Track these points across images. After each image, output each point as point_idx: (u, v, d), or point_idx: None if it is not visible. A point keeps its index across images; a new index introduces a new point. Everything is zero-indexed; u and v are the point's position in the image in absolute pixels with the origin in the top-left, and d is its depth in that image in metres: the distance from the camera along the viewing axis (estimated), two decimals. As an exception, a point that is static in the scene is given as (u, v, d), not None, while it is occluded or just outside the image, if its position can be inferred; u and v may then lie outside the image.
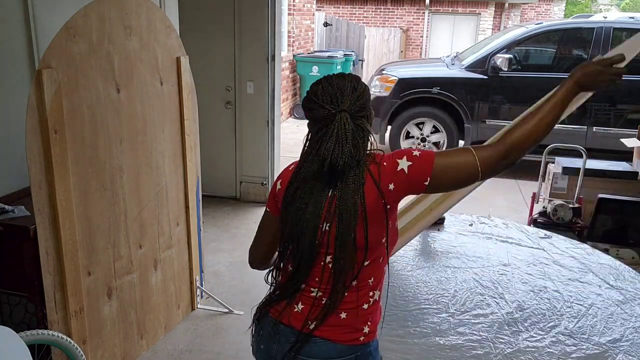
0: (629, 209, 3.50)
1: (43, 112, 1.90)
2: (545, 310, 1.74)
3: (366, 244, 1.20)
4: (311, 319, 1.25)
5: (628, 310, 1.76)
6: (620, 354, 1.51)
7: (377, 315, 1.32)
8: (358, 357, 1.28)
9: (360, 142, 1.24)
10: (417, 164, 1.21)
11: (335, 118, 1.22)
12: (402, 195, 1.25)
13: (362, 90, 1.28)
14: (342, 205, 1.20)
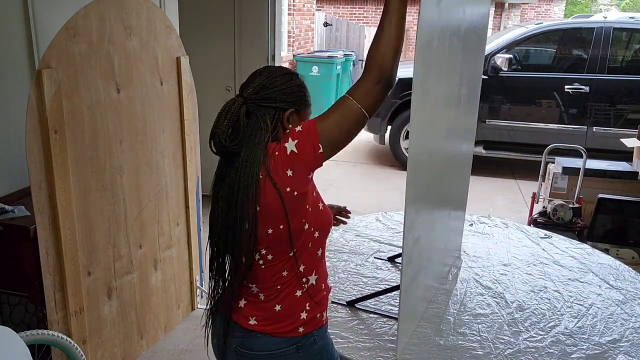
0: (629, 209, 3.50)
1: (43, 112, 1.90)
2: (546, 310, 1.75)
3: (253, 239, 1.20)
4: (251, 314, 1.27)
5: (628, 310, 1.76)
6: (620, 354, 1.51)
7: (318, 299, 1.30)
8: (300, 347, 1.28)
9: (246, 129, 1.23)
10: (303, 139, 1.19)
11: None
12: (305, 175, 1.21)
13: (271, 84, 1.26)
14: (224, 200, 1.22)
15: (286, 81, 1.28)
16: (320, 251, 1.31)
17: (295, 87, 1.29)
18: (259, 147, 1.21)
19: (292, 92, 1.29)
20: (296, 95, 1.29)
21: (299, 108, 1.29)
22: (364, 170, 6.23)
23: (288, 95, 1.28)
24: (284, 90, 1.27)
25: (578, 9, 19.62)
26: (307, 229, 1.25)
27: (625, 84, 5.63)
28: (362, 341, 1.53)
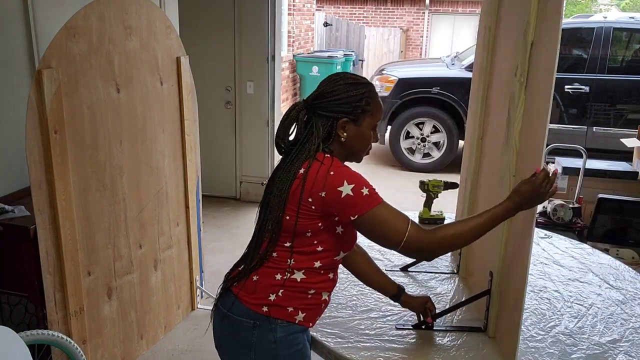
0: (629, 209, 3.50)
1: (43, 112, 1.90)
2: (546, 310, 1.74)
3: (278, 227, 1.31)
4: (238, 280, 1.37)
5: (628, 310, 1.76)
6: (621, 354, 1.51)
7: (296, 297, 1.33)
8: (257, 325, 1.33)
9: (301, 133, 1.35)
10: (356, 200, 1.27)
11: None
12: (330, 210, 1.29)
13: (330, 92, 1.33)
14: (271, 184, 1.36)
15: (346, 90, 1.33)
16: (319, 264, 1.34)
17: (355, 96, 1.33)
18: (306, 151, 1.32)
19: (350, 101, 1.32)
20: (353, 105, 1.33)
21: (355, 118, 1.33)
22: (364, 170, 6.16)
23: (344, 105, 1.32)
24: (340, 99, 1.32)
25: (578, 9, 19.63)
26: (310, 237, 1.31)
27: (625, 83, 5.63)
28: (362, 341, 1.53)
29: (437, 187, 2.36)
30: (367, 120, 1.35)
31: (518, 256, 1.45)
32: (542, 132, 1.30)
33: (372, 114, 1.35)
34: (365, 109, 1.34)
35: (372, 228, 1.28)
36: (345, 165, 1.35)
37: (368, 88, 1.35)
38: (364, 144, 1.38)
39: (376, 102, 1.37)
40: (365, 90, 1.34)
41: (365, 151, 1.41)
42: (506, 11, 1.69)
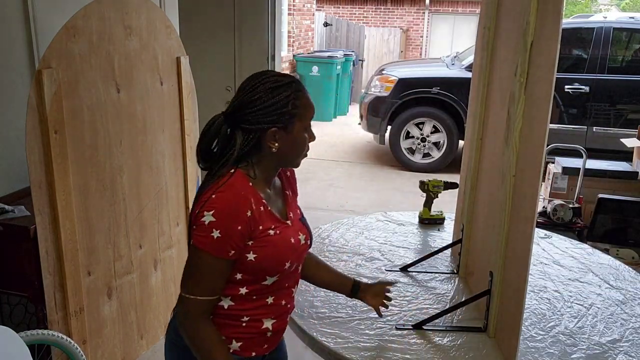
0: (629, 209, 3.50)
1: (43, 112, 1.90)
2: (546, 310, 1.74)
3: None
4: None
5: (628, 311, 1.76)
6: (621, 354, 1.51)
7: (226, 324, 1.27)
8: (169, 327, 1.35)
9: (219, 149, 1.25)
10: (200, 230, 1.17)
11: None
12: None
13: (251, 102, 1.21)
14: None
15: (269, 97, 1.21)
16: (246, 290, 1.25)
17: (279, 102, 1.21)
18: (221, 168, 1.23)
19: (275, 109, 1.21)
20: (279, 112, 1.21)
21: (285, 125, 1.22)
22: (364, 170, 6.23)
23: (269, 114, 1.21)
24: (264, 108, 1.21)
25: (578, 9, 19.63)
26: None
27: (625, 83, 5.63)
28: (362, 341, 1.53)
29: (437, 187, 2.37)
30: (297, 124, 1.23)
31: (518, 256, 1.45)
32: (542, 132, 1.30)
33: (301, 116, 1.24)
34: (292, 113, 1.22)
35: (186, 261, 1.22)
36: (242, 190, 1.20)
37: (292, 88, 1.23)
38: (298, 150, 1.27)
39: (304, 102, 1.24)
40: (290, 92, 1.21)
41: (302, 155, 1.30)
42: (506, 11, 1.69)
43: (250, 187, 1.22)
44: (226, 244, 1.17)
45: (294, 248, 1.30)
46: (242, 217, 1.18)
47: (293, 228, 1.33)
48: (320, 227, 2.29)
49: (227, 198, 1.18)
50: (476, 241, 1.85)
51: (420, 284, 1.89)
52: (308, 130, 1.28)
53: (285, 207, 1.35)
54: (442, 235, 2.30)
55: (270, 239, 1.24)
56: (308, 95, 1.27)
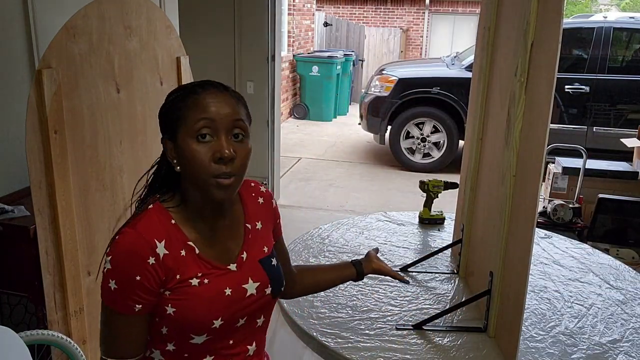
0: (629, 209, 3.50)
1: (43, 112, 1.90)
2: (546, 311, 1.74)
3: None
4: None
5: (628, 311, 1.76)
6: (621, 355, 1.51)
7: None
8: None
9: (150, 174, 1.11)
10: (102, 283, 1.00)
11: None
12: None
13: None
14: None
15: (163, 104, 1.06)
16: (174, 347, 1.05)
17: (165, 105, 1.05)
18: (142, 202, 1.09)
19: (162, 115, 1.06)
20: (165, 117, 1.05)
21: (171, 133, 1.03)
22: (364, 170, 6.23)
23: (161, 123, 1.06)
24: (159, 117, 1.07)
25: (578, 9, 19.63)
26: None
27: (625, 83, 5.63)
28: (362, 341, 1.53)
29: (437, 187, 2.37)
30: (182, 131, 1.00)
31: (518, 256, 1.45)
32: (542, 132, 1.30)
33: (185, 119, 1.00)
34: (175, 117, 1.02)
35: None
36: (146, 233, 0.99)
37: (184, 90, 1.04)
38: (191, 166, 0.99)
39: (189, 104, 1.01)
40: (179, 93, 1.04)
41: (204, 174, 0.99)
42: (506, 11, 1.69)
43: (166, 226, 1.01)
44: (126, 297, 0.97)
45: (230, 301, 1.05)
46: (141, 266, 0.97)
47: (237, 275, 1.08)
48: (320, 227, 2.29)
49: (126, 242, 0.98)
50: (476, 241, 1.85)
51: (421, 284, 1.89)
52: (201, 139, 0.99)
53: (238, 246, 1.11)
54: (442, 235, 2.30)
55: (190, 291, 1.01)
56: (204, 96, 1.01)
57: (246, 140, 1.04)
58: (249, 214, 1.16)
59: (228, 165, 0.99)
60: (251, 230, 1.14)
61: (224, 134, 1.00)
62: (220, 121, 1.00)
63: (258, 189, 1.22)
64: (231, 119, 1.01)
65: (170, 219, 1.03)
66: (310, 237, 2.19)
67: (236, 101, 1.04)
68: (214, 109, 1.00)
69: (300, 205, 4.99)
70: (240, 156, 1.01)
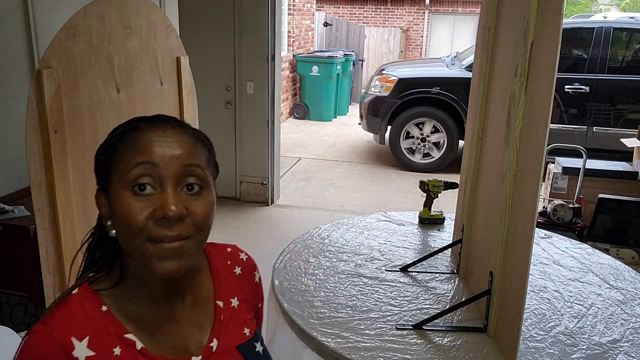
0: (629, 209, 3.50)
1: (43, 112, 1.90)
2: (546, 311, 1.74)
3: None
4: None
5: (628, 311, 1.76)
6: (621, 355, 1.51)
7: None
8: None
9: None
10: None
11: None
12: None
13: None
14: None
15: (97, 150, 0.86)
16: None
17: (98, 150, 0.86)
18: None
19: (96, 164, 0.85)
20: (97, 165, 0.84)
21: (103, 186, 0.81)
22: (364, 170, 6.23)
23: (96, 166, 0.85)
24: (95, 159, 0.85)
25: (578, 9, 19.63)
26: None
27: (625, 83, 5.63)
28: (362, 341, 1.53)
29: (437, 187, 2.37)
30: (115, 180, 0.78)
31: (518, 256, 1.45)
32: (542, 132, 1.30)
33: (118, 165, 0.78)
34: (106, 165, 0.81)
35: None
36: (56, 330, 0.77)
37: (120, 129, 0.85)
38: (124, 227, 0.75)
39: (126, 145, 0.80)
40: (115, 133, 0.85)
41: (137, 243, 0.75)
42: (506, 11, 1.69)
43: (92, 317, 0.77)
44: None
45: None
46: None
47: None
48: (320, 227, 2.29)
49: (32, 345, 0.80)
50: (476, 241, 1.85)
51: (420, 284, 1.89)
52: (137, 191, 0.75)
53: (204, 332, 0.85)
54: (442, 235, 2.30)
55: None
56: (147, 134, 0.79)
57: (206, 193, 0.78)
58: (221, 288, 0.90)
59: (175, 226, 0.74)
60: (224, 309, 0.88)
61: (171, 184, 0.75)
62: (166, 166, 0.75)
63: (236, 256, 0.97)
64: (182, 163, 0.76)
65: (100, 305, 0.78)
66: (310, 237, 2.19)
67: (194, 141, 0.80)
68: (159, 150, 0.76)
69: (300, 205, 4.99)
70: (195, 214, 0.76)
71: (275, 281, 1.80)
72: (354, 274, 1.91)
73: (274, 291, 1.75)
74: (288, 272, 1.87)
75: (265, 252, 3.91)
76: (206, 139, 0.85)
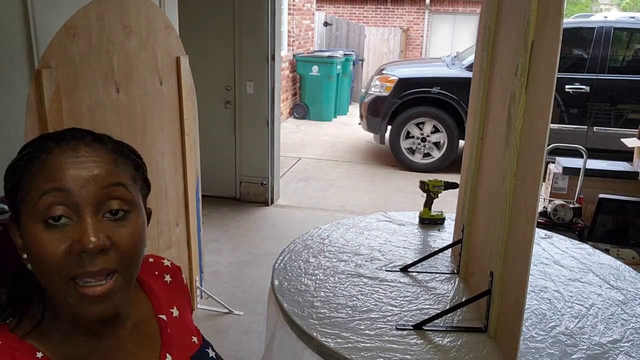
0: (629, 209, 3.50)
1: (42, 111, 1.90)
2: (546, 311, 1.74)
3: None
4: None
5: (629, 311, 1.75)
6: (621, 355, 1.51)
7: None
8: None
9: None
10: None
11: None
12: None
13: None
14: None
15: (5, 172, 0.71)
16: None
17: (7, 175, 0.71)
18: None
19: (5, 186, 0.71)
20: (7, 193, 0.71)
21: (17, 219, 0.71)
22: (364, 170, 6.23)
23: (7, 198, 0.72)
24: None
25: (578, 9, 19.62)
26: None
27: (625, 83, 5.63)
28: (362, 341, 1.52)
29: (437, 187, 2.36)
30: (23, 213, 0.68)
31: (519, 256, 1.45)
32: (543, 132, 1.29)
33: (25, 198, 0.68)
34: (12, 193, 0.70)
35: None
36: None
37: (28, 149, 0.70)
38: (38, 266, 0.68)
39: (34, 170, 0.67)
40: (22, 154, 0.71)
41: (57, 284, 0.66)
42: (507, 10, 1.68)
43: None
44: None
45: None
46: None
47: None
48: (320, 227, 2.29)
49: None
50: (476, 241, 1.85)
51: (421, 284, 1.89)
52: (50, 223, 0.66)
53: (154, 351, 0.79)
54: (442, 235, 2.30)
55: None
56: (57, 156, 0.67)
57: (133, 216, 0.69)
58: (159, 301, 0.83)
59: (97, 260, 0.64)
60: (168, 322, 0.82)
61: (89, 211, 0.65)
62: (80, 191, 0.65)
63: (160, 265, 0.90)
64: (99, 185, 0.66)
65: (33, 353, 0.68)
66: (310, 237, 2.19)
67: (114, 157, 0.70)
68: (70, 174, 0.65)
69: (300, 205, 4.98)
70: (120, 244, 0.66)
71: (275, 281, 1.80)
72: (354, 274, 1.91)
73: (274, 291, 1.75)
74: (288, 272, 1.87)
75: (265, 252, 3.93)
76: (131, 152, 0.74)
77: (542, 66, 1.34)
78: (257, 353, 2.67)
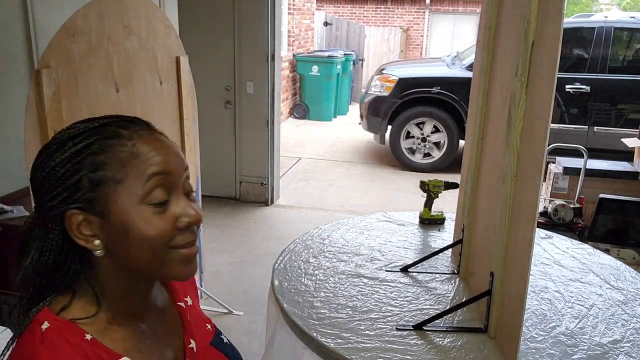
0: (629, 209, 3.49)
1: (42, 111, 1.89)
2: (546, 311, 1.74)
3: None
4: None
5: (629, 311, 1.75)
6: (621, 355, 1.50)
7: None
8: None
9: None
10: None
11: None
12: None
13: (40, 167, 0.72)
14: None
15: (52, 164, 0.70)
16: None
17: (64, 172, 0.70)
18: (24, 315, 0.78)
19: (61, 184, 0.70)
20: (69, 188, 0.70)
21: (89, 205, 0.70)
22: (364, 170, 6.23)
23: (61, 184, 0.70)
24: (55, 175, 0.70)
25: (579, 9, 19.61)
26: None
27: (626, 83, 5.63)
28: (362, 341, 1.52)
29: (437, 187, 2.36)
30: (115, 195, 0.70)
31: (519, 256, 1.45)
32: (543, 132, 1.29)
33: (121, 179, 0.70)
34: (96, 180, 0.70)
35: None
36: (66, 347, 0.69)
37: (89, 138, 0.71)
38: (144, 243, 0.71)
39: (122, 156, 0.71)
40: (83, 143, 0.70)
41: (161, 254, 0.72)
42: (507, 10, 1.68)
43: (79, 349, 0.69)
44: None
45: None
46: None
47: None
48: (320, 227, 2.29)
49: None
50: (477, 241, 1.84)
51: (421, 285, 1.89)
52: (154, 205, 0.71)
53: (179, 336, 0.84)
54: (442, 235, 2.29)
55: None
56: (146, 142, 0.75)
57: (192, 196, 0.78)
58: (175, 290, 0.88)
59: (195, 231, 0.76)
60: (185, 309, 0.87)
61: (182, 191, 0.75)
62: (177, 174, 0.74)
63: None
64: (184, 167, 0.77)
65: (82, 334, 0.70)
66: (310, 237, 2.18)
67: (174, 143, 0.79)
68: (169, 158, 0.75)
69: (300, 205, 4.98)
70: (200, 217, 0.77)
71: (275, 281, 1.80)
72: (354, 275, 1.91)
73: (274, 291, 1.75)
74: (288, 273, 1.86)
75: (265, 252, 3.92)
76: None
77: (543, 66, 1.33)
78: (257, 353, 2.67)
